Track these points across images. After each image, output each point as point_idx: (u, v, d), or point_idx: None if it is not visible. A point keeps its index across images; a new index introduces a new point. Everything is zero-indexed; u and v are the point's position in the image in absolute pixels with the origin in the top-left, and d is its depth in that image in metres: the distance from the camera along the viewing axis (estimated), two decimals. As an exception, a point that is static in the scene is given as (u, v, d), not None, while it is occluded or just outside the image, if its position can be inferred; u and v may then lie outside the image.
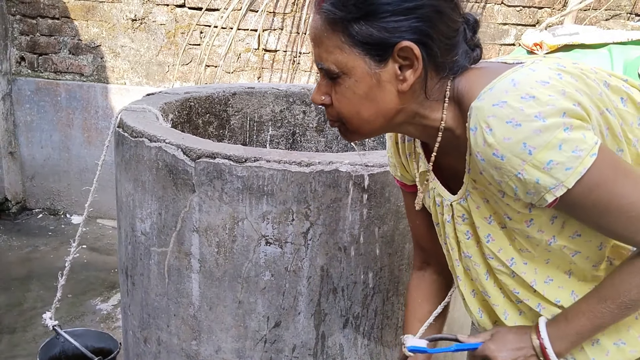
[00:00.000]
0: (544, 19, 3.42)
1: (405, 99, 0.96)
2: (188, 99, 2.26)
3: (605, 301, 0.95)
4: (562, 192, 0.85)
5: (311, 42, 0.98)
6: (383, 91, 0.94)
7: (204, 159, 1.50)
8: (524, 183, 0.86)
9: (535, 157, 0.83)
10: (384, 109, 0.96)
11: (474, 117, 0.87)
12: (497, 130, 0.84)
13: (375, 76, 0.93)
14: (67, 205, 4.34)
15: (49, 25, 4.10)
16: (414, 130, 1.03)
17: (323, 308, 1.57)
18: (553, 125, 0.82)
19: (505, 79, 0.87)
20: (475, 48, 0.98)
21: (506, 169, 0.86)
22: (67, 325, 2.80)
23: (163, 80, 4.04)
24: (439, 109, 0.98)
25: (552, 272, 1.02)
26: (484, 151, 0.87)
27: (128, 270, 1.81)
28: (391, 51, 0.91)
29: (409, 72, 0.93)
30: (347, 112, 0.97)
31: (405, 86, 0.94)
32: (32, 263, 3.58)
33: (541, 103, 0.82)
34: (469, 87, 0.94)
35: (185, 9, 3.90)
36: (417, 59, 0.91)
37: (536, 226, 0.96)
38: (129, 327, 1.89)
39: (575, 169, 0.83)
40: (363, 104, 0.95)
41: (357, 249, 1.53)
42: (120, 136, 1.74)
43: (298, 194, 1.47)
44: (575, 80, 0.87)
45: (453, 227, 1.08)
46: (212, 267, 1.56)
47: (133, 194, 1.69)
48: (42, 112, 4.20)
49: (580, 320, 0.97)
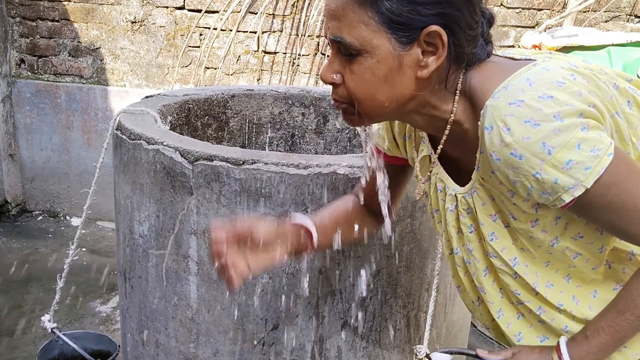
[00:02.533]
0: (543, 20, 3.42)
1: (421, 86, 0.94)
2: (187, 101, 2.26)
3: (624, 314, 0.94)
4: (580, 192, 0.84)
5: (328, 14, 0.93)
6: (402, 75, 0.92)
7: (202, 162, 1.50)
8: (542, 183, 0.85)
9: (554, 157, 0.82)
10: (399, 93, 0.93)
11: (489, 115, 0.86)
12: (515, 130, 0.83)
13: (398, 59, 0.90)
14: (67, 207, 4.34)
15: (48, 28, 4.10)
16: (421, 120, 1.01)
17: (321, 311, 1.57)
18: (571, 125, 0.81)
19: (519, 78, 0.86)
20: (489, 43, 0.98)
21: (524, 168, 0.85)
22: (66, 328, 2.80)
23: (163, 83, 4.04)
24: (449, 101, 0.97)
25: (551, 277, 1.01)
26: (500, 150, 0.86)
27: (126, 272, 1.81)
28: (418, 34, 0.89)
29: (431, 59, 0.91)
30: (361, 94, 0.93)
31: (426, 72, 0.91)
32: (32, 265, 3.58)
33: (559, 103, 0.82)
34: (482, 83, 0.93)
35: (184, 11, 3.90)
36: (443, 46, 0.89)
37: (540, 226, 0.96)
38: (128, 329, 1.89)
39: (594, 169, 0.83)
40: (380, 87, 0.92)
41: (355, 251, 1.53)
42: (118, 138, 1.74)
43: (296, 197, 1.47)
44: (587, 81, 0.86)
45: (456, 216, 1.07)
46: (209, 269, 1.56)
47: (131, 196, 1.69)
48: (41, 114, 4.20)
49: (601, 336, 0.96)
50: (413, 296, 1.65)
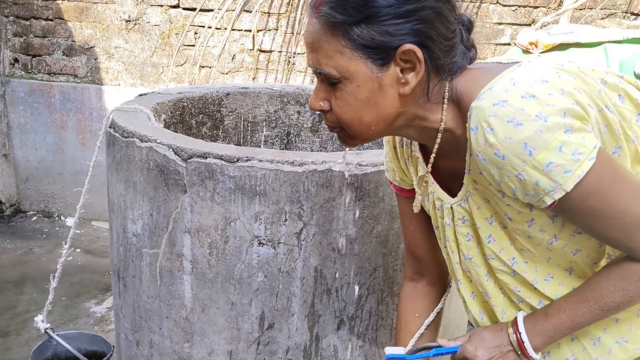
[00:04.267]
0: (539, 18, 3.42)
1: (406, 102, 0.95)
2: (181, 99, 2.24)
3: (587, 301, 0.95)
4: (560, 195, 0.85)
5: (307, 47, 0.96)
6: (384, 95, 0.93)
7: (196, 159, 1.48)
8: (524, 184, 0.86)
9: (535, 158, 0.83)
10: (385, 113, 0.95)
11: (474, 117, 0.87)
12: (498, 130, 0.84)
13: (377, 80, 0.92)
14: (62, 207, 4.31)
15: (42, 27, 4.07)
16: (414, 132, 1.02)
17: (317, 309, 1.55)
18: (554, 126, 0.81)
19: (504, 79, 0.87)
20: (471, 48, 0.98)
21: (507, 169, 0.86)
22: (60, 328, 2.77)
23: (157, 82, 4.01)
24: (438, 111, 0.97)
25: (553, 270, 1.01)
26: (485, 151, 0.86)
27: (120, 272, 1.79)
28: (393, 54, 0.90)
29: (410, 75, 0.92)
30: (348, 118, 0.95)
31: (407, 89, 0.92)
32: (26, 266, 3.55)
33: (541, 102, 0.82)
34: (468, 88, 0.94)
35: (179, 9, 3.88)
36: (420, 62, 0.90)
37: (537, 226, 0.96)
38: (122, 329, 1.87)
39: (573, 172, 0.83)
40: (365, 109, 0.94)
41: (351, 249, 1.51)
42: (111, 137, 1.72)
43: (291, 194, 1.45)
44: (573, 78, 0.86)
45: (453, 230, 1.08)
46: (204, 268, 1.54)
47: (124, 194, 1.67)
48: (35, 114, 4.17)
49: (560, 317, 0.97)
50: (409, 294, 1.63)
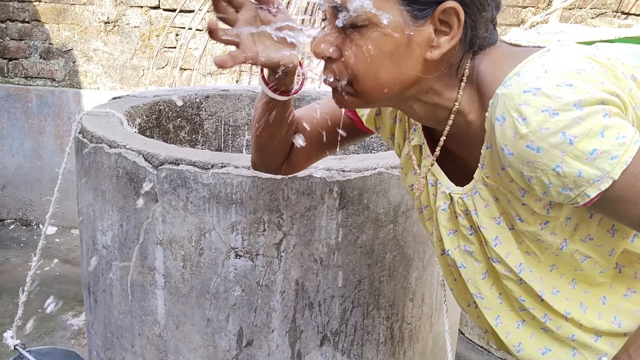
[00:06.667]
0: (528, 18, 3.35)
1: (429, 69, 0.85)
2: (157, 102, 2.14)
3: None
4: (607, 185, 0.76)
5: None
6: (410, 54, 0.83)
7: (167, 166, 1.38)
8: (562, 177, 0.76)
9: (576, 147, 0.73)
10: (404, 75, 0.84)
11: (501, 105, 0.77)
12: (532, 120, 0.74)
13: (408, 34, 0.81)
14: (40, 215, 4.18)
15: (18, 29, 3.96)
16: (420, 108, 0.92)
17: (298, 324, 1.46)
18: (592, 111, 0.73)
19: (533, 64, 0.77)
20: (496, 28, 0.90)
21: (542, 162, 0.76)
22: (35, 342, 2.66)
23: (138, 85, 3.91)
24: (455, 88, 0.88)
25: (557, 283, 0.93)
26: (514, 144, 0.77)
27: (90, 286, 1.69)
28: (433, 10, 0.80)
29: (444, 39, 0.82)
30: (362, 70, 0.84)
31: (437, 54, 0.83)
32: (2, 276, 3.43)
33: (580, 91, 0.73)
34: (492, 69, 0.85)
35: (160, 10, 3.78)
36: (459, 26, 0.81)
37: (550, 229, 0.87)
38: (93, 346, 1.76)
39: (621, 158, 0.74)
40: (384, 64, 0.83)
41: (334, 260, 1.42)
42: (79, 142, 1.62)
43: (269, 203, 1.36)
44: (605, 71, 0.78)
45: (449, 217, 0.97)
46: (177, 282, 1.44)
47: (93, 204, 1.57)
48: (12, 119, 4.05)
49: None
50: (397, 307, 1.55)
